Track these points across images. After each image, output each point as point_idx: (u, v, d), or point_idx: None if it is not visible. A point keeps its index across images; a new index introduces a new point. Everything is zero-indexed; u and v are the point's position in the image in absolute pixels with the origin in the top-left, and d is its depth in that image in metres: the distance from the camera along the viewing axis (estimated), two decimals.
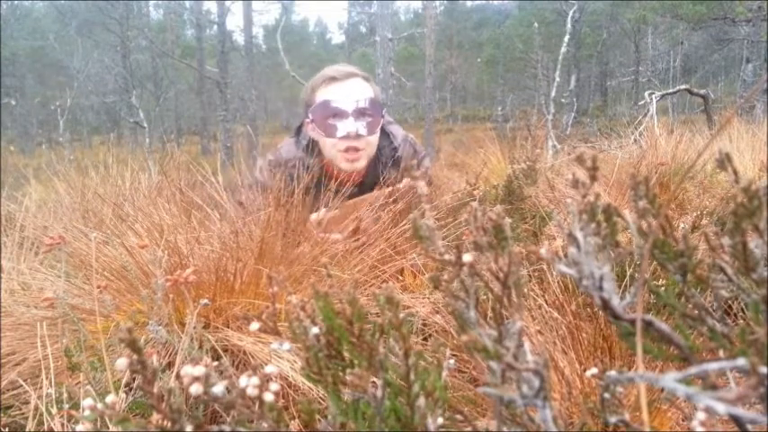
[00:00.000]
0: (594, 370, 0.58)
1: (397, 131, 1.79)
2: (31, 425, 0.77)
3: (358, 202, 1.49)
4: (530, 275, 1.17)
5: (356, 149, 1.60)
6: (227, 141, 11.94)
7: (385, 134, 1.74)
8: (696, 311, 0.42)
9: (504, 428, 0.44)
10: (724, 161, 0.41)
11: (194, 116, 22.89)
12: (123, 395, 0.86)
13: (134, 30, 16.15)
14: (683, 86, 6.11)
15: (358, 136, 1.58)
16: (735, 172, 0.41)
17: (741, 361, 0.33)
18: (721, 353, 0.41)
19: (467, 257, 0.45)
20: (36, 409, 0.79)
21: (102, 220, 1.41)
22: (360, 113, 1.58)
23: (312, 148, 1.66)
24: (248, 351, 1.01)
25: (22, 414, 0.88)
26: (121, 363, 0.40)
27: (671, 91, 6.19)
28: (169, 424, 0.40)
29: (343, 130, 1.57)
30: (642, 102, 5.81)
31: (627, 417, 0.48)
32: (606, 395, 0.49)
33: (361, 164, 1.64)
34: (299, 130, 1.76)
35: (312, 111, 1.61)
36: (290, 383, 0.93)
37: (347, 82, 1.60)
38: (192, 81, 20.81)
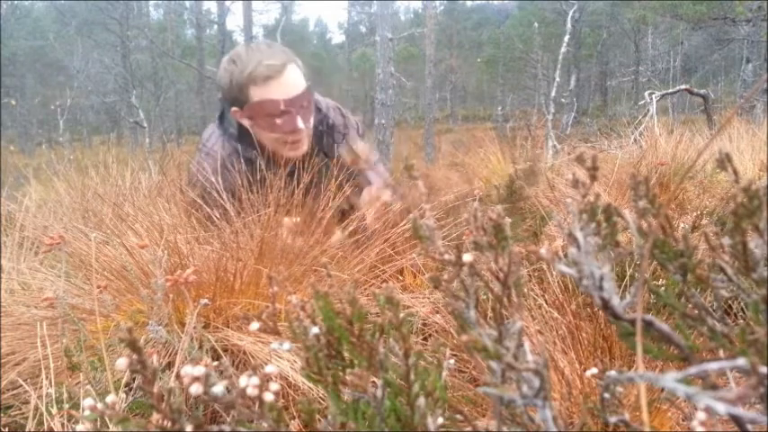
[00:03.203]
0: (594, 370, 0.58)
1: (322, 100, 1.76)
2: (31, 425, 0.77)
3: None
4: (530, 275, 1.17)
5: (299, 138, 1.59)
6: None
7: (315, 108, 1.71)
8: (696, 311, 0.42)
9: (504, 428, 0.44)
10: (724, 161, 0.41)
11: (194, 116, 22.88)
12: (123, 395, 0.86)
13: (134, 30, 16.16)
14: (683, 86, 6.11)
15: (302, 128, 1.56)
16: (735, 172, 0.41)
17: (741, 361, 0.33)
18: (721, 353, 0.41)
19: (467, 257, 0.45)
20: (36, 408, 0.79)
21: (102, 219, 1.41)
22: (299, 106, 1.55)
23: (243, 134, 1.61)
24: (248, 351, 1.01)
25: (22, 414, 0.88)
26: (121, 363, 0.40)
27: (671, 91, 6.18)
28: (169, 424, 0.40)
29: (286, 126, 1.54)
30: (642, 102, 5.81)
31: (627, 417, 0.48)
32: (606, 395, 0.49)
33: (305, 148, 1.61)
34: (222, 118, 1.67)
35: (249, 108, 1.55)
36: (290, 383, 0.93)
37: (283, 76, 1.53)
38: (192, 81, 20.82)
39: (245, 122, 1.58)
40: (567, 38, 9.91)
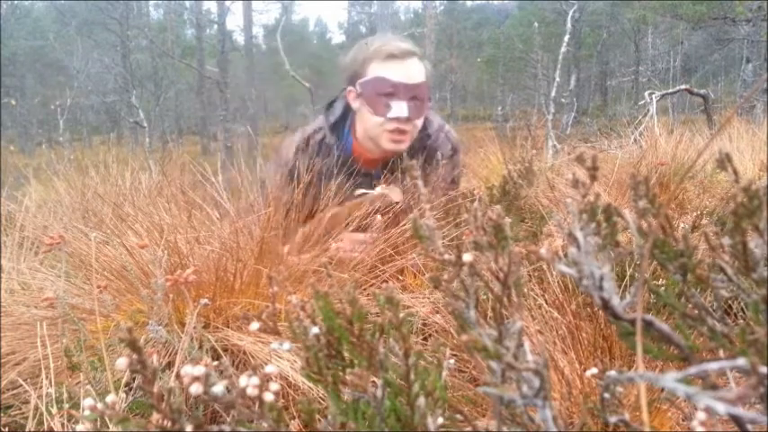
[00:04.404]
0: (594, 370, 0.58)
1: (434, 118, 1.73)
2: (31, 425, 0.77)
3: (356, 204, 1.46)
4: (530, 275, 1.17)
5: (404, 131, 1.56)
6: (227, 141, 11.95)
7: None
8: (696, 311, 0.42)
9: (504, 428, 0.44)
10: (724, 161, 0.41)
11: (194, 116, 22.88)
12: (123, 395, 0.86)
13: (134, 29, 16.15)
14: (683, 86, 6.10)
15: (408, 119, 1.54)
16: (735, 172, 0.41)
17: (741, 361, 0.33)
18: (721, 353, 0.41)
19: (467, 257, 0.45)
20: (36, 408, 0.79)
21: (102, 219, 1.41)
22: (413, 96, 1.54)
23: (340, 124, 1.63)
24: (248, 351, 1.01)
25: (22, 414, 0.88)
26: (121, 362, 0.40)
27: (671, 91, 6.18)
28: (169, 424, 0.40)
29: (395, 111, 1.52)
30: (642, 102, 5.80)
31: (627, 416, 0.48)
32: (606, 395, 0.49)
33: (405, 145, 1.59)
34: (330, 105, 1.70)
35: (363, 84, 1.56)
36: (290, 383, 0.93)
37: (406, 62, 1.55)
38: (192, 81, 20.80)
39: (355, 105, 1.60)
40: (566, 38, 9.89)
